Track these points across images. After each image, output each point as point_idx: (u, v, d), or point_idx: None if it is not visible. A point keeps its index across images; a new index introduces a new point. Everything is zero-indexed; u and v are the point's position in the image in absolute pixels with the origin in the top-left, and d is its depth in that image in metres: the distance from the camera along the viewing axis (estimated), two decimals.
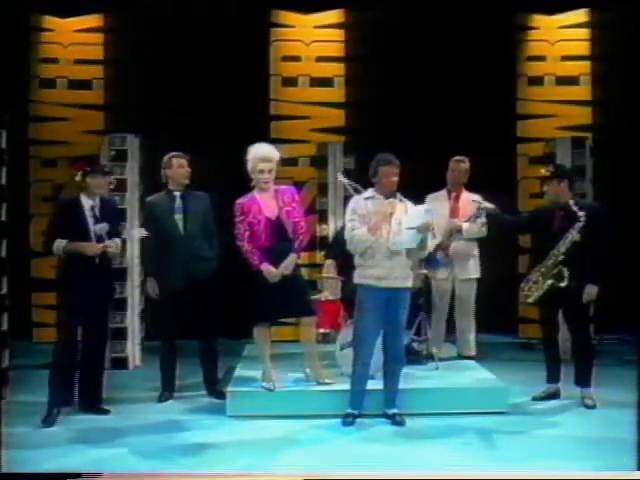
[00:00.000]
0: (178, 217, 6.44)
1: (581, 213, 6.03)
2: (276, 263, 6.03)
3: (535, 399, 6.39)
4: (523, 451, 5.19)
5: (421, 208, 5.72)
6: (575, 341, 6.40)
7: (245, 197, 6.12)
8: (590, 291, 6.14)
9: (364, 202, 5.71)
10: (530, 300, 6.30)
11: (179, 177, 6.46)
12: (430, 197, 7.17)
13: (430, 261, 6.92)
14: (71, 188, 6.11)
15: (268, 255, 6.03)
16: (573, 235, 6.06)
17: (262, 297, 6.03)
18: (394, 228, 5.65)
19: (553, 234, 6.17)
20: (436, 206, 6.84)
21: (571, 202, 6.14)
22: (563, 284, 6.05)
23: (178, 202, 6.47)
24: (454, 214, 7.14)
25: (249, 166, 6.10)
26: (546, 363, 6.48)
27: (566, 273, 6.04)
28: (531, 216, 6.74)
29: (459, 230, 7.05)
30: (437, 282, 7.18)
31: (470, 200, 6.91)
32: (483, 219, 6.80)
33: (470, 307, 7.25)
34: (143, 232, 6.16)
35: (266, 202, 6.08)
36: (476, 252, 7.22)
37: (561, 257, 6.09)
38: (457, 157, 7.24)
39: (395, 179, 5.70)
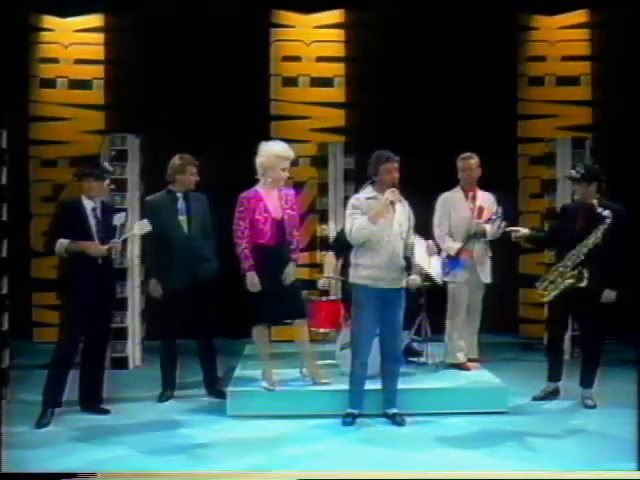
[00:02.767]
0: (182, 218, 6.45)
1: (607, 213, 5.97)
2: (274, 262, 6.03)
3: (535, 399, 6.40)
4: (523, 451, 5.20)
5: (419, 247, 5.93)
6: (585, 343, 6.39)
7: (250, 192, 6.09)
8: (609, 295, 6.10)
9: (366, 202, 5.68)
10: (545, 300, 6.27)
11: (189, 183, 6.47)
12: (445, 196, 6.96)
13: (453, 264, 6.81)
14: (72, 189, 6.12)
15: (268, 254, 6.02)
16: (597, 236, 6.00)
17: (259, 298, 6.03)
18: (395, 229, 5.65)
19: (575, 234, 6.12)
20: (455, 206, 6.87)
21: (595, 202, 6.07)
22: (583, 284, 6.01)
23: (181, 203, 6.47)
24: (476, 215, 6.86)
25: (266, 162, 6.04)
26: (548, 362, 6.47)
27: (586, 274, 6.00)
28: (558, 221, 6.62)
29: (484, 234, 6.82)
30: (455, 286, 6.92)
31: (486, 199, 6.85)
32: (500, 222, 6.72)
33: (479, 310, 7.13)
34: (146, 226, 6.12)
35: (271, 200, 6.07)
36: (490, 253, 7.08)
37: (582, 257, 6.04)
38: (464, 154, 6.96)
39: (396, 175, 5.69)
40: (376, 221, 5.57)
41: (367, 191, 5.78)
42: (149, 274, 6.61)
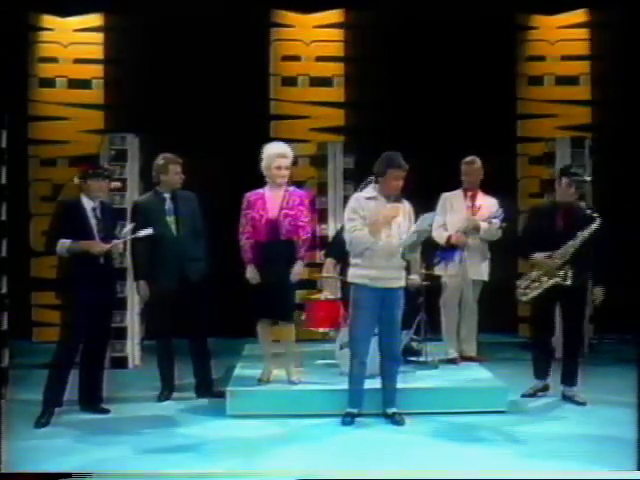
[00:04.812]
0: (170, 219, 6.42)
1: (595, 215, 6.05)
2: (269, 259, 6.06)
3: (524, 396, 6.38)
4: (522, 450, 5.19)
5: (426, 215, 5.78)
6: (569, 340, 6.36)
7: (254, 191, 6.18)
8: (599, 292, 6.19)
9: (366, 202, 5.65)
10: (525, 298, 6.26)
11: (174, 183, 6.45)
12: (446, 195, 7.32)
13: (444, 255, 6.99)
14: (71, 189, 6.11)
15: (263, 251, 6.07)
16: (584, 236, 6.04)
17: (253, 295, 6.11)
18: (394, 231, 5.63)
19: (556, 234, 6.13)
20: (453, 203, 7.25)
21: (582, 204, 6.22)
22: (568, 283, 6.05)
23: (168, 204, 6.44)
24: (472, 213, 7.19)
25: (264, 163, 6.12)
26: (535, 360, 6.45)
27: (570, 273, 6.04)
28: (532, 223, 6.52)
29: (477, 228, 7.07)
30: (449, 280, 7.20)
31: (487, 201, 7.11)
32: (499, 222, 6.85)
33: (475, 308, 7.30)
34: (147, 230, 6.11)
35: (273, 200, 6.10)
36: (488, 255, 7.25)
37: (568, 257, 6.07)
38: (468, 159, 7.26)
39: (401, 183, 5.63)
40: (376, 234, 5.56)
41: (368, 190, 5.75)
42: (137, 275, 6.57)
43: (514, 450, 5.20)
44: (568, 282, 6.05)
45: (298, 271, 6.17)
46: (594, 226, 6.03)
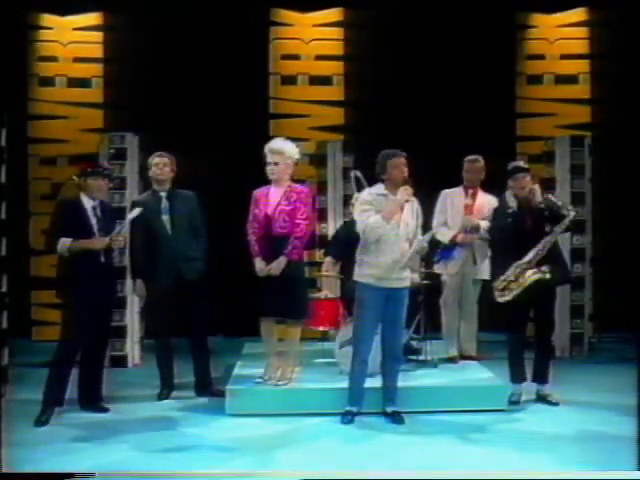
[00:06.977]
0: (165, 218, 6.40)
1: (570, 207, 6.04)
2: (267, 256, 6.04)
3: (512, 403, 6.14)
4: (522, 450, 5.18)
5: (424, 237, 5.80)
6: (541, 339, 6.24)
7: (261, 188, 6.16)
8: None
9: (377, 197, 5.64)
10: (506, 299, 6.01)
11: (154, 175, 6.44)
12: (446, 192, 7.28)
13: (444, 254, 7.00)
14: (70, 188, 6.10)
15: (263, 246, 6.06)
16: (559, 231, 5.99)
17: (256, 291, 6.07)
18: (401, 230, 5.63)
19: (526, 231, 6.02)
20: (454, 201, 7.21)
21: (553, 198, 6.16)
22: (548, 277, 5.95)
23: (164, 203, 6.43)
24: (469, 212, 7.13)
25: None
26: (512, 364, 6.22)
27: (547, 269, 5.95)
28: (504, 220, 6.20)
29: (477, 228, 7.01)
30: (449, 279, 7.21)
31: (487, 200, 7.03)
32: None
33: (475, 307, 7.28)
34: (137, 210, 6.09)
35: (274, 197, 6.08)
36: (489, 254, 7.21)
37: (545, 253, 5.96)
38: (471, 157, 7.22)
39: (405, 169, 5.64)
40: (390, 219, 5.56)
41: (377, 188, 5.74)
42: (134, 274, 6.57)
43: (514, 449, 5.20)
44: (548, 277, 5.96)
45: (275, 266, 5.96)
46: (567, 220, 5.95)
